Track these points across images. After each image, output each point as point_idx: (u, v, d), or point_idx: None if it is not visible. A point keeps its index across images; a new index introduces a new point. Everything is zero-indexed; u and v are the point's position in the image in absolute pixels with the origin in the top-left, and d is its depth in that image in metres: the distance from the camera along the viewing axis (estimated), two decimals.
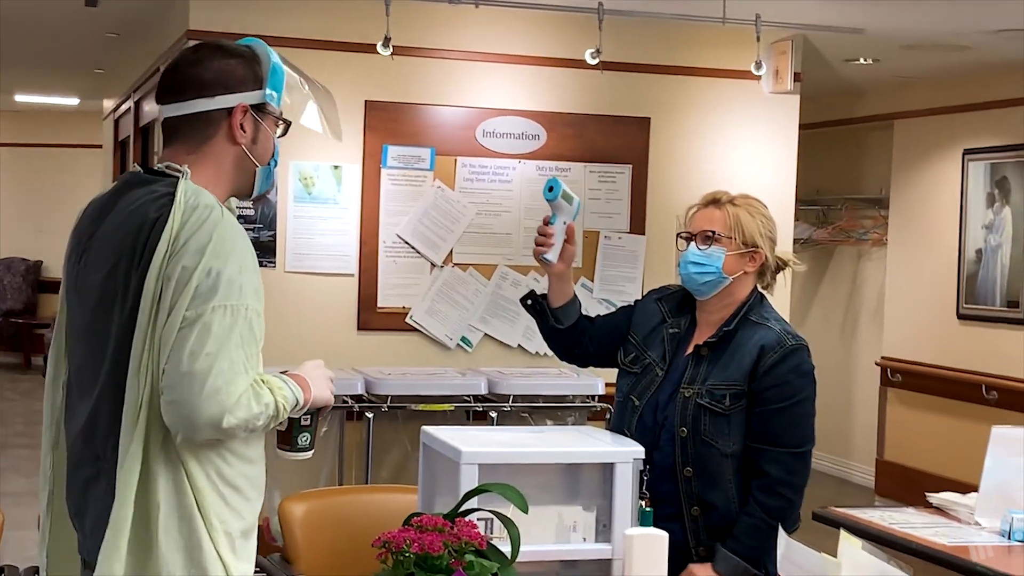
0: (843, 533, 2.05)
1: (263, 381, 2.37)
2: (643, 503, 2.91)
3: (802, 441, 3.13)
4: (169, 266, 2.31)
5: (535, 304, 3.32)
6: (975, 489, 3.99)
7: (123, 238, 2.39)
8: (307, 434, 2.54)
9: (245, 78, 2.49)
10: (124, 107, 9.00)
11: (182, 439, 2.32)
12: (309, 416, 2.53)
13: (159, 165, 2.49)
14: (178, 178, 2.42)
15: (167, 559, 2.34)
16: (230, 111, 2.47)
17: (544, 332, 3.38)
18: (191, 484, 2.35)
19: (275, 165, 2.58)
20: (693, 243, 3.18)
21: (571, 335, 3.34)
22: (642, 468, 2.96)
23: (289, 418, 2.48)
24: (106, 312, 2.40)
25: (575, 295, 3.34)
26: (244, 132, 2.48)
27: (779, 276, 3.31)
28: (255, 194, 2.58)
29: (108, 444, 2.38)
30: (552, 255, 3.16)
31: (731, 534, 3.07)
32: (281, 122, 2.57)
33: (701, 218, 3.20)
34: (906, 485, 8.33)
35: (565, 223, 3.15)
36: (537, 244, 3.18)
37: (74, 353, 2.52)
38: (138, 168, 2.53)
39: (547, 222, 3.15)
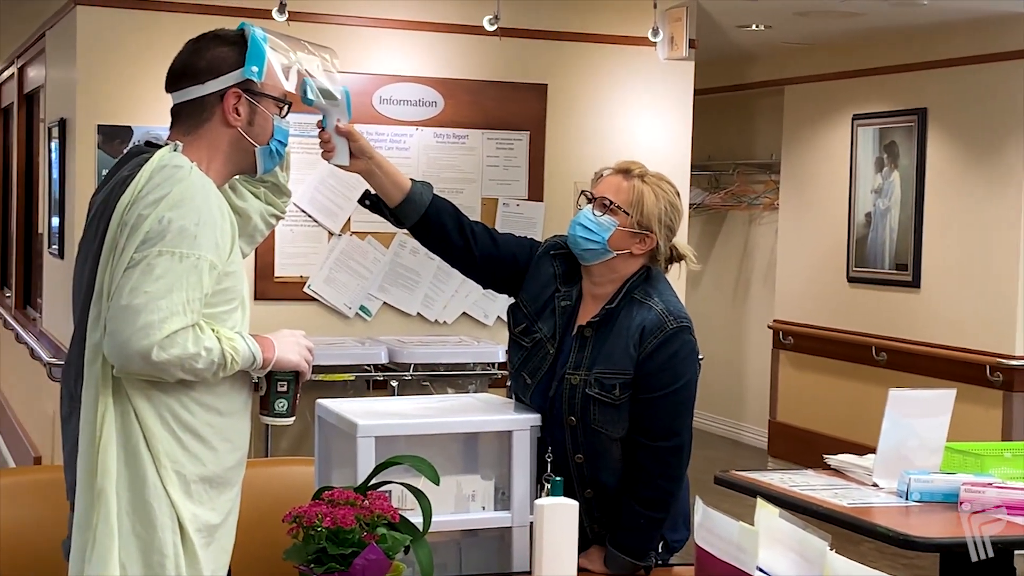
0: (760, 501, 2.07)
1: (212, 329, 2.46)
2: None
3: (679, 430, 2.99)
4: (128, 214, 2.43)
5: (372, 203, 3.09)
6: (867, 449, 4.07)
7: (104, 198, 2.55)
8: (284, 400, 2.61)
9: (235, 63, 2.59)
10: (7, 73, 8.77)
11: (118, 370, 2.42)
12: (286, 382, 2.60)
13: (162, 143, 2.60)
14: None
15: (114, 491, 2.43)
16: (223, 96, 2.58)
17: (417, 238, 3.15)
18: (140, 422, 2.45)
19: (283, 144, 2.69)
20: (590, 206, 3.04)
21: (437, 235, 3.09)
22: (546, 453, 2.94)
23: (267, 383, 2.58)
24: (82, 263, 2.58)
25: (419, 192, 3.05)
26: (239, 115, 2.59)
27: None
28: (260, 172, 2.69)
29: (78, 384, 2.51)
30: (340, 158, 2.94)
31: (614, 529, 3.00)
32: (281, 103, 2.66)
33: (606, 184, 3.06)
34: (798, 446, 8.49)
35: (339, 121, 2.90)
36: (322, 151, 2.95)
37: (72, 304, 2.70)
38: (141, 143, 2.64)
39: (320, 126, 2.91)
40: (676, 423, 2.99)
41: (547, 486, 2.86)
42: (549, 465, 2.94)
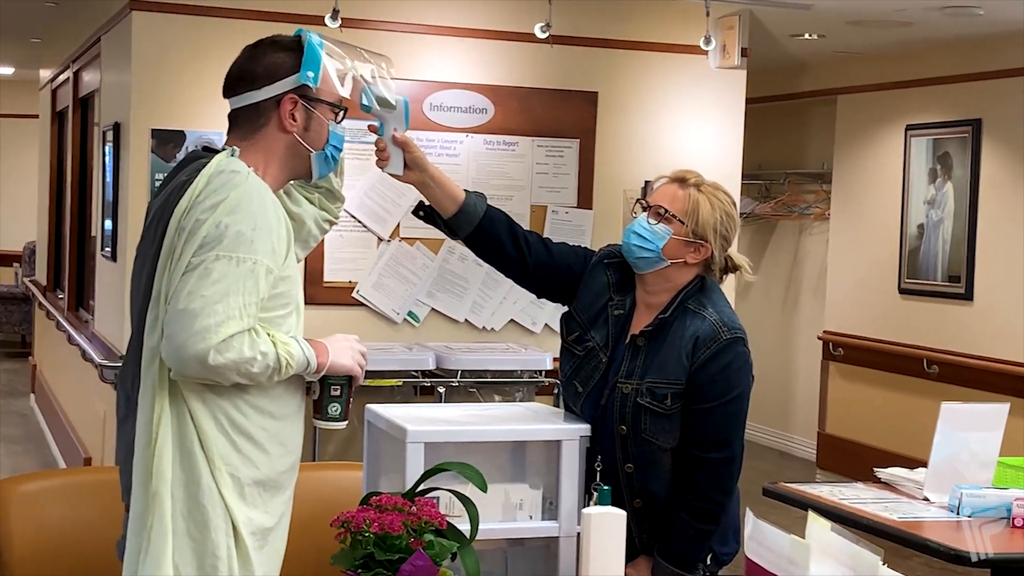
0: (811, 514, 2.05)
1: (268, 334, 2.47)
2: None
3: (730, 442, 2.98)
4: (185, 219, 2.45)
5: (426, 214, 3.08)
6: (916, 462, 4.03)
7: (162, 203, 2.57)
8: (337, 404, 2.61)
9: (291, 68, 2.60)
10: (63, 77, 8.86)
11: (175, 374, 2.43)
12: (339, 387, 2.60)
13: (219, 148, 2.62)
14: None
15: (169, 493, 2.44)
16: (279, 101, 2.59)
17: (471, 248, 3.14)
18: (195, 424, 2.46)
19: (338, 150, 2.69)
20: (645, 214, 3.03)
21: (491, 246, 3.07)
22: (596, 462, 2.93)
23: (320, 387, 2.59)
24: (140, 267, 2.60)
25: (473, 203, 3.03)
26: (295, 121, 2.60)
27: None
28: (315, 177, 2.70)
29: (134, 387, 2.53)
30: (394, 168, 2.93)
31: (663, 540, 2.99)
32: (337, 108, 2.66)
33: (662, 192, 3.05)
34: (847, 458, 8.42)
35: (396, 131, 2.89)
36: (377, 159, 2.94)
37: (130, 308, 2.71)
38: (198, 148, 2.69)
39: (375, 131, 2.90)
40: (728, 435, 2.97)
41: (595, 495, 2.85)
42: (598, 474, 2.93)
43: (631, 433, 2.97)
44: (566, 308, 3.18)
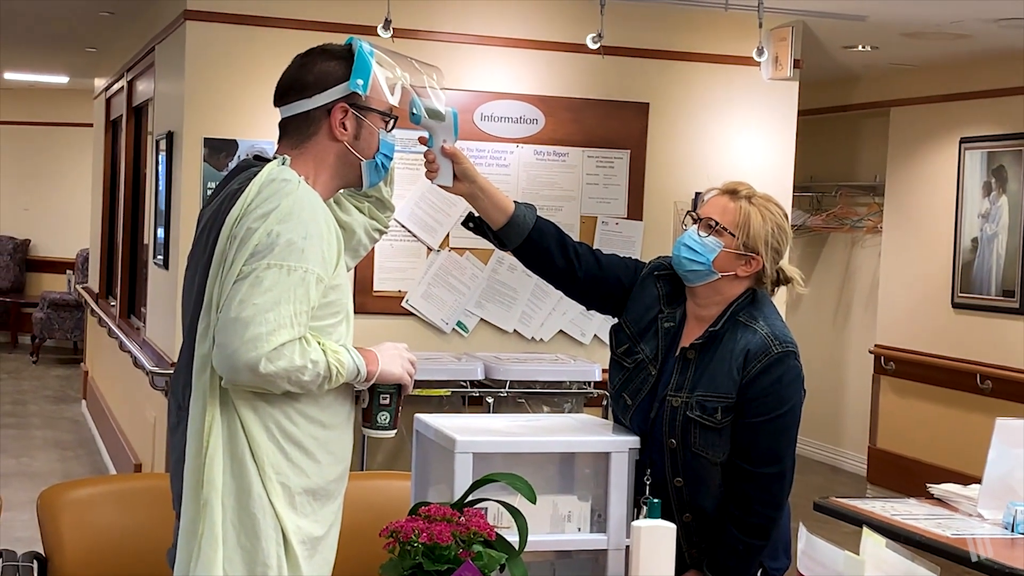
0: (866, 530, 2.02)
1: (319, 342, 2.47)
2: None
3: (781, 457, 2.95)
4: (237, 227, 2.46)
5: (476, 226, 3.09)
6: (968, 478, 3.98)
7: (213, 210, 2.58)
8: (386, 413, 2.61)
9: (341, 76, 2.60)
10: (117, 86, 8.94)
11: (226, 382, 2.44)
12: (388, 395, 2.61)
13: (270, 157, 2.63)
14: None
15: (219, 501, 2.44)
16: (329, 110, 2.59)
17: (520, 260, 3.13)
18: (245, 432, 2.46)
19: (388, 159, 2.69)
20: (696, 227, 3.01)
21: (541, 258, 3.07)
22: (644, 475, 2.92)
23: (369, 396, 2.59)
24: (192, 275, 2.61)
25: (522, 215, 3.02)
26: (345, 129, 2.60)
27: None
28: (366, 186, 2.70)
29: (186, 394, 2.54)
30: (443, 179, 2.93)
31: (712, 554, 2.97)
32: (388, 117, 2.66)
33: (712, 204, 3.02)
34: (898, 474, 8.34)
35: (445, 142, 2.89)
36: (426, 170, 2.94)
37: (181, 315, 2.73)
38: (250, 156, 2.69)
39: (424, 142, 2.90)
40: (779, 449, 2.94)
41: (644, 508, 2.84)
42: (647, 488, 2.92)
43: (680, 447, 2.95)
44: (616, 320, 3.16)
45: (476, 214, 3.06)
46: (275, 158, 2.59)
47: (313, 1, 6.02)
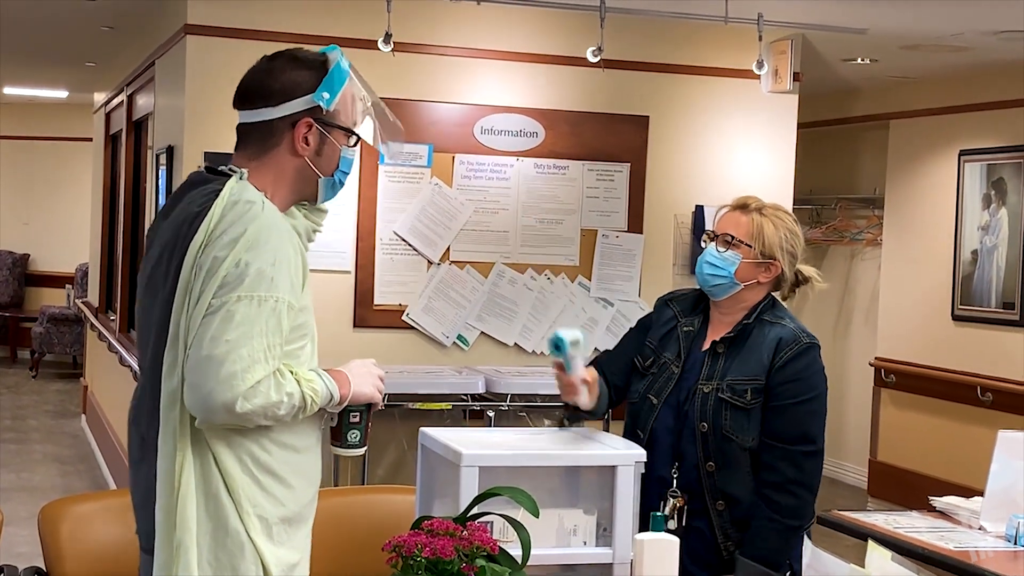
0: (871, 543, 2.02)
1: (291, 372, 2.40)
2: (677, 500, 3.06)
3: (814, 438, 3.14)
4: (202, 256, 2.36)
5: (575, 421, 3.31)
6: (970, 491, 3.98)
7: (171, 232, 2.47)
8: (356, 431, 2.57)
9: (309, 88, 2.51)
10: (117, 100, 8.95)
11: (200, 422, 2.36)
12: (358, 413, 2.56)
13: (224, 167, 2.54)
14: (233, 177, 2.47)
15: (194, 543, 2.37)
16: (294, 123, 2.50)
17: None
18: (219, 467, 2.39)
19: (346, 174, 2.60)
20: (714, 244, 3.23)
21: (602, 399, 3.35)
22: (672, 469, 3.06)
23: (339, 415, 2.53)
24: (151, 301, 2.50)
25: (601, 384, 3.32)
26: (307, 145, 2.51)
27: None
28: (320, 202, 2.61)
29: (151, 429, 2.45)
30: (583, 400, 3.13)
31: (746, 539, 3.08)
32: (351, 133, 2.57)
33: (726, 221, 3.26)
34: (899, 487, 8.33)
35: (583, 365, 3.10)
36: (563, 393, 3.12)
37: (137, 343, 2.66)
38: (202, 168, 2.59)
39: (561, 368, 3.07)
40: (813, 429, 3.14)
41: (669, 501, 2.98)
42: (675, 481, 3.08)
43: (711, 430, 3.12)
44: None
45: (571, 418, 3.30)
46: (231, 171, 2.50)
47: (313, 16, 6.02)
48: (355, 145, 2.59)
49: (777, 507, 3.07)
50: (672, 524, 3.10)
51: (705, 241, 3.29)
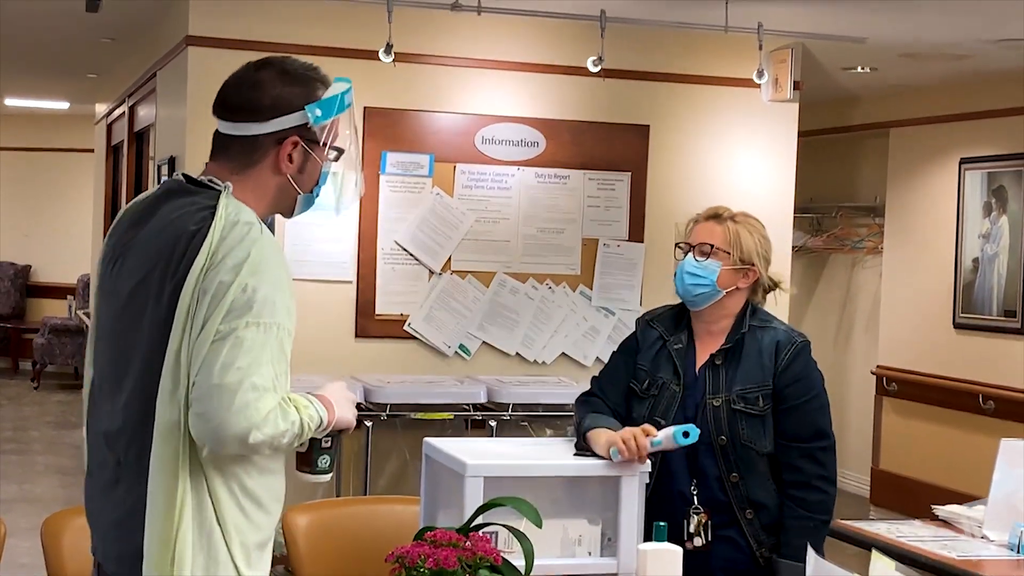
0: (875, 553, 2.02)
1: (289, 399, 2.35)
2: (701, 516, 3.10)
3: (827, 432, 3.23)
4: (205, 280, 2.29)
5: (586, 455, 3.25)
6: (972, 499, 3.97)
7: (161, 246, 2.38)
8: (327, 456, 2.49)
9: (299, 105, 2.45)
10: (118, 112, 8.96)
11: (208, 452, 2.30)
12: (330, 438, 2.49)
13: (202, 177, 2.46)
14: (219, 192, 2.40)
15: (188, 571, 2.31)
16: (281, 140, 2.44)
17: None
18: (212, 496, 2.34)
19: (320, 188, 2.54)
20: (691, 254, 3.27)
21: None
22: (691, 487, 3.10)
23: (310, 440, 2.44)
24: (135, 318, 2.39)
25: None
26: (291, 163, 2.46)
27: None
28: (294, 215, 2.56)
29: (131, 451, 2.37)
30: (645, 466, 3.03)
31: (782, 541, 3.14)
32: (334, 149, 2.52)
33: (701, 231, 3.30)
34: (901, 495, 8.32)
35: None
36: (627, 455, 2.98)
37: (100, 356, 2.51)
38: (180, 177, 2.49)
39: (648, 436, 3.00)
40: (823, 425, 3.23)
41: (693, 518, 3.03)
42: (695, 498, 3.11)
43: (730, 441, 3.16)
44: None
45: (582, 449, 3.19)
46: (211, 182, 2.42)
47: (315, 26, 6.04)
48: (336, 160, 2.54)
49: (807, 504, 3.15)
50: (699, 541, 3.13)
51: (679, 255, 3.33)
